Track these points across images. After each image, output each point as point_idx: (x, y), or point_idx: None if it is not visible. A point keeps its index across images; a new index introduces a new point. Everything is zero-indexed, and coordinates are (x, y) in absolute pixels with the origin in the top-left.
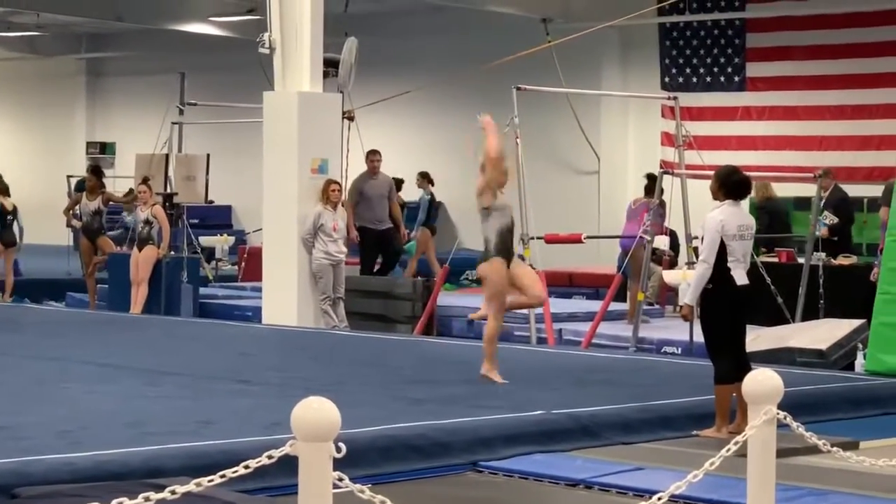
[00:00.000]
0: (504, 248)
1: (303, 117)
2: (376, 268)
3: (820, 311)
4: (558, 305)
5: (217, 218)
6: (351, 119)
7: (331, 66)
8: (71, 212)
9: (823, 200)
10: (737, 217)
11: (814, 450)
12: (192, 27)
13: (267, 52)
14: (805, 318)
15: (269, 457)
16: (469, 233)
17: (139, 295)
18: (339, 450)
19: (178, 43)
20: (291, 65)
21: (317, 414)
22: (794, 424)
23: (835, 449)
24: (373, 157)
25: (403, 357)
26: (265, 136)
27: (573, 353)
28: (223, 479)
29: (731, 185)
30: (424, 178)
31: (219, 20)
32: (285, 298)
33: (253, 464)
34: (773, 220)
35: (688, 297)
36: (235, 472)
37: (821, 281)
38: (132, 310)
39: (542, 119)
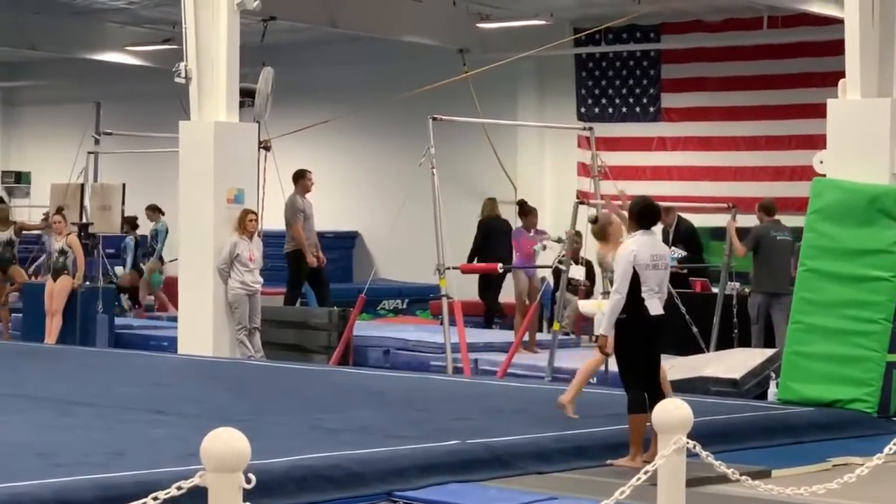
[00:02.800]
0: None
1: (219, 147)
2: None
3: (734, 340)
4: (474, 335)
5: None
6: (267, 149)
7: (247, 95)
8: None
9: (671, 235)
10: (649, 247)
11: (724, 479)
12: (107, 56)
13: (183, 81)
14: (719, 348)
15: (179, 488)
16: (385, 263)
17: (54, 325)
18: (248, 480)
19: (94, 72)
20: (207, 94)
21: (225, 445)
22: (704, 454)
23: (744, 477)
24: (310, 175)
25: (319, 387)
26: (181, 166)
27: (489, 382)
28: None
29: (638, 213)
30: (154, 211)
31: (135, 49)
32: (201, 328)
33: (162, 495)
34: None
35: (602, 327)
36: (144, 502)
37: (735, 310)
38: (47, 340)
39: (460, 149)
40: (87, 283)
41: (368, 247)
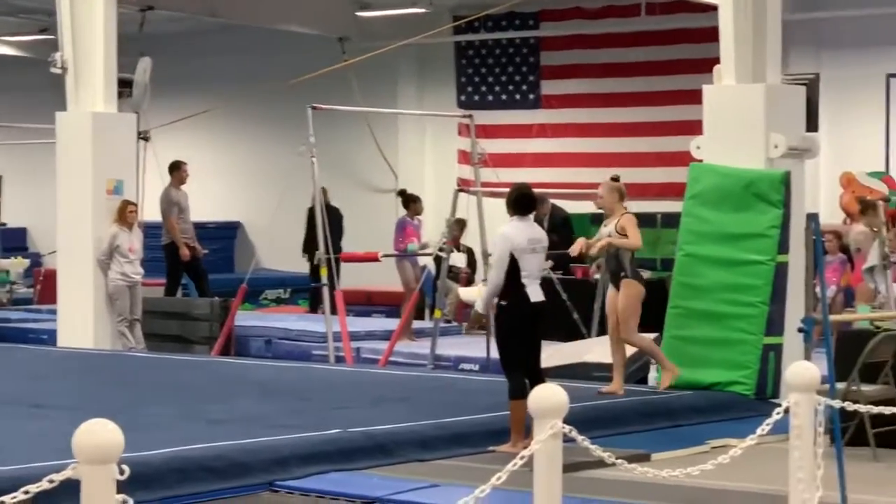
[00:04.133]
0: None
1: (97, 138)
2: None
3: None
4: (356, 324)
5: (12, 241)
6: (146, 139)
7: (125, 86)
8: None
9: (546, 224)
10: (526, 231)
11: (601, 463)
12: None
13: (59, 71)
14: (601, 334)
15: (51, 481)
16: (268, 253)
17: None
18: (122, 472)
19: None
20: (84, 85)
21: (98, 436)
22: (580, 438)
23: (620, 461)
24: (185, 167)
25: (201, 378)
26: (59, 157)
27: (371, 371)
28: None
29: (514, 200)
30: None
31: (11, 40)
32: (81, 321)
33: (34, 489)
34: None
35: (479, 304)
36: (14, 497)
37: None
38: None
39: (341, 138)
40: None
41: (250, 237)
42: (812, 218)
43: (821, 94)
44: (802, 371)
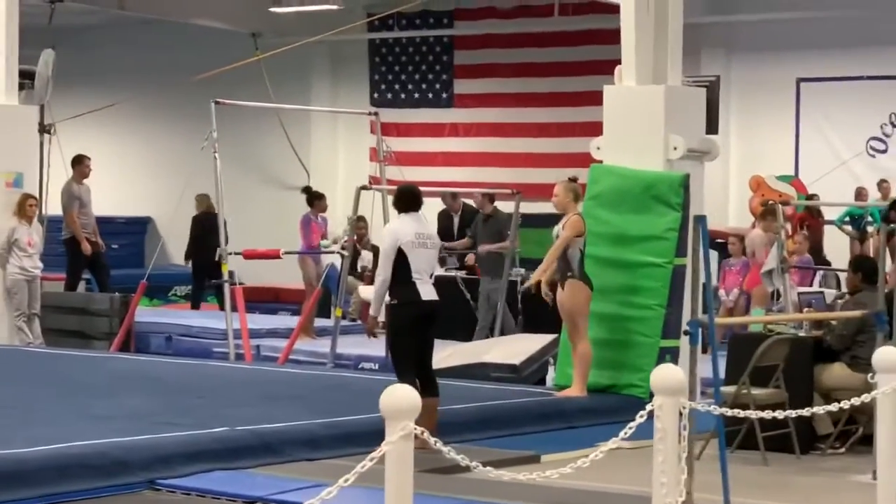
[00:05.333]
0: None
1: None
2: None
3: (518, 326)
4: (258, 321)
5: None
6: (49, 132)
7: (27, 78)
8: None
9: (457, 220)
10: (413, 226)
11: (460, 468)
12: None
13: None
14: (504, 334)
15: None
16: (177, 248)
17: None
18: None
19: None
20: None
21: None
22: (433, 440)
23: (475, 464)
24: (88, 161)
25: (95, 374)
26: None
27: (269, 369)
28: None
29: (397, 198)
30: None
31: None
32: None
33: None
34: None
35: (372, 310)
36: None
37: (519, 296)
38: None
39: (253, 134)
40: None
41: (160, 232)
42: (699, 220)
43: (731, 97)
44: (666, 374)
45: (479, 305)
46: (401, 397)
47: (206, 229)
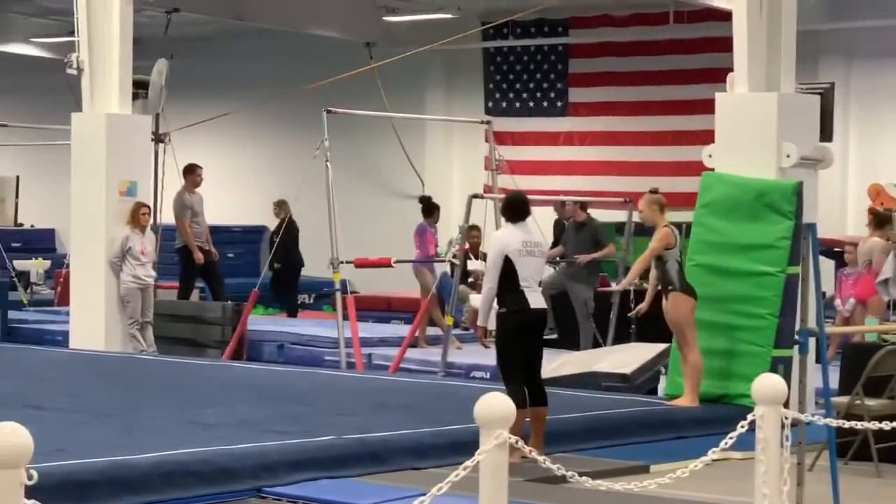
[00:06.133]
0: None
1: (111, 139)
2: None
3: (632, 335)
4: (370, 330)
5: (39, 241)
6: (162, 141)
7: (142, 88)
8: None
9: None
10: (520, 234)
11: (561, 479)
12: (11, 48)
13: (75, 72)
14: (616, 343)
15: None
16: None
17: None
18: (30, 477)
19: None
20: (100, 86)
21: (5, 439)
22: (527, 449)
23: (570, 473)
24: (200, 170)
25: (205, 382)
26: (73, 158)
27: (380, 377)
28: None
29: (505, 207)
30: None
31: (40, 41)
32: (93, 322)
33: None
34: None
35: (479, 319)
36: None
37: (632, 305)
38: None
39: (367, 143)
40: None
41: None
42: (809, 228)
43: (850, 104)
44: (768, 383)
45: (577, 315)
46: (495, 406)
47: (289, 236)
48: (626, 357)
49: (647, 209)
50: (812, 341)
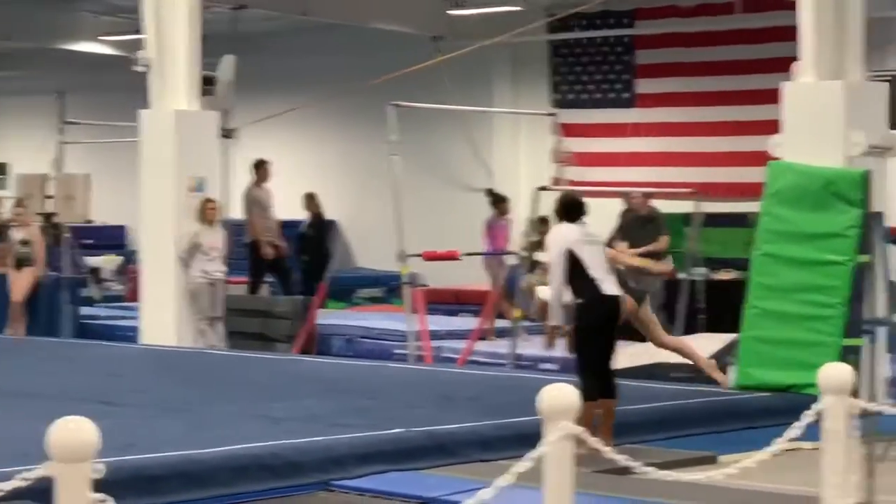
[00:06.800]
0: None
1: (179, 135)
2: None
3: (700, 326)
4: (438, 323)
5: (110, 238)
6: (229, 137)
7: (210, 84)
8: None
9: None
10: (576, 228)
11: (625, 470)
12: (81, 46)
13: (143, 69)
14: (686, 334)
15: (24, 479)
16: (363, 251)
17: (16, 316)
18: (97, 471)
19: (68, 62)
20: (168, 83)
21: (72, 434)
22: (592, 440)
23: (636, 464)
24: (268, 165)
25: (274, 376)
26: (142, 155)
27: (448, 370)
28: None
29: (561, 207)
30: None
31: (109, 39)
32: (163, 318)
33: (7, 486)
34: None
35: (551, 318)
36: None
37: (702, 296)
38: (9, 331)
39: (431, 136)
40: (51, 273)
41: (346, 235)
42: (875, 217)
43: None
44: (834, 372)
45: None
46: (558, 397)
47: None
48: (694, 348)
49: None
50: (882, 330)
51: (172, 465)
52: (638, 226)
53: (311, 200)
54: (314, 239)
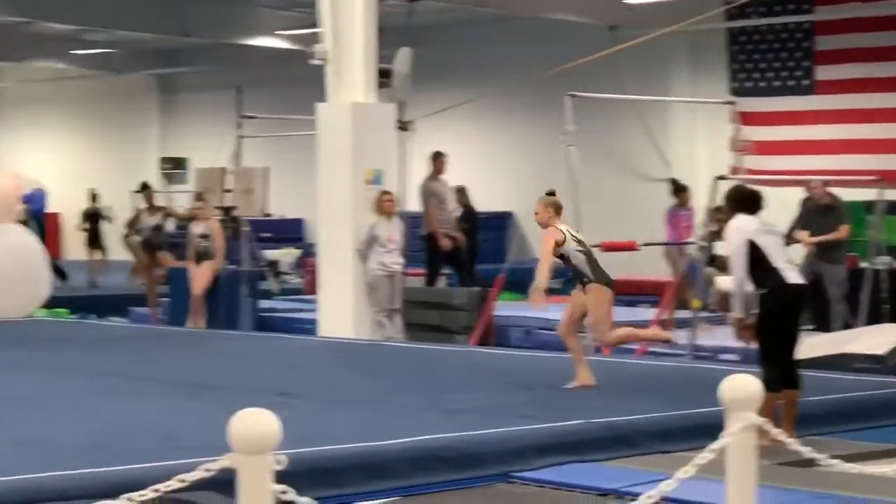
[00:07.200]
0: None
1: (356, 128)
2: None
3: (884, 316)
4: (619, 314)
5: (288, 231)
6: (407, 129)
7: (386, 76)
8: (132, 227)
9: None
10: (754, 219)
11: (811, 462)
12: (258, 41)
13: (319, 63)
14: (869, 324)
15: (207, 470)
16: (538, 242)
17: (197, 309)
18: (279, 462)
19: (246, 57)
20: (344, 76)
21: (254, 426)
22: (774, 431)
23: (821, 456)
24: (445, 158)
25: (451, 368)
26: (319, 148)
27: (627, 361)
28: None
29: (739, 201)
30: None
31: (286, 34)
32: (341, 310)
33: (190, 477)
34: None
35: (736, 310)
36: (168, 486)
37: (885, 286)
38: (190, 324)
39: (608, 126)
40: (231, 266)
41: (523, 226)
42: None
43: None
44: None
45: (830, 296)
46: (740, 388)
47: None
48: (879, 338)
49: (543, 211)
50: None
51: (351, 457)
52: (818, 215)
53: (461, 194)
54: (466, 231)
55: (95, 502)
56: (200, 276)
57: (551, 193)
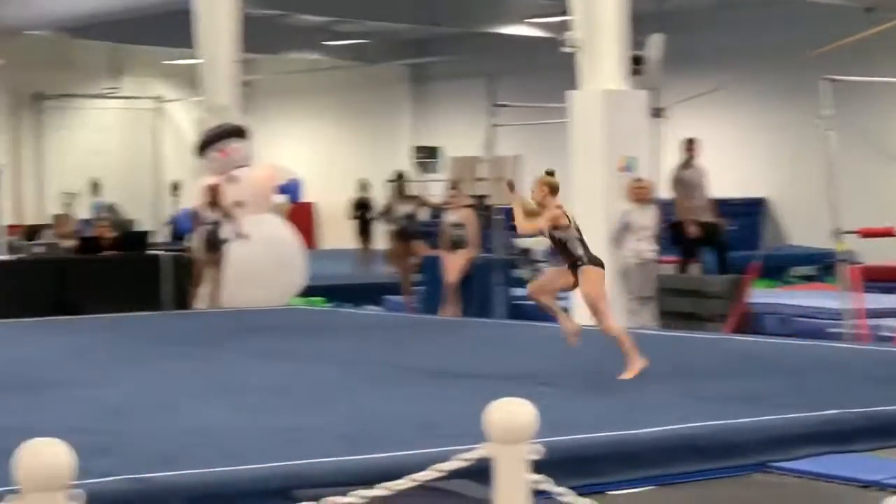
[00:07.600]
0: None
1: (608, 115)
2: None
3: None
4: (876, 301)
5: None
6: (660, 116)
7: (638, 63)
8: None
9: None
10: None
11: None
12: (508, 29)
13: (571, 50)
14: None
15: (463, 459)
16: (797, 229)
17: (451, 297)
18: (537, 452)
19: (497, 45)
20: (596, 63)
21: (508, 416)
22: None
23: None
24: (696, 144)
25: (708, 356)
26: (571, 136)
27: (886, 349)
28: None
29: None
30: None
31: (537, 21)
32: None
33: (447, 466)
34: None
35: None
36: (424, 476)
37: None
38: (444, 312)
39: (868, 109)
40: (486, 255)
41: (777, 212)
42: None
43: None
44: None
45: None
46: None
47: None
48: None
49: (539, 190)
50: None
51: (606, 446)
52: None
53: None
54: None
55: (352, 490)
56: (454, 265)
57: (550, 173)
